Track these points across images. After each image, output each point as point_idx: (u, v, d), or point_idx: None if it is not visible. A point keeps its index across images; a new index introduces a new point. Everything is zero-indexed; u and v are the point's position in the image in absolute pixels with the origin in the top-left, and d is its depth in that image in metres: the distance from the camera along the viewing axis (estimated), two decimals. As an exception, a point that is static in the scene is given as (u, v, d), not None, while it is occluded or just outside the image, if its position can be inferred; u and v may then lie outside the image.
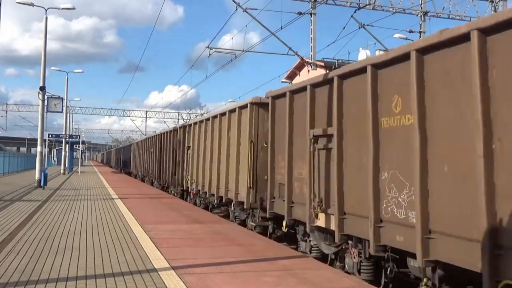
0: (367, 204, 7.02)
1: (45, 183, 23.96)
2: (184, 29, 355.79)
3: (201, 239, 10.17)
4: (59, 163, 60.30)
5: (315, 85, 8.97)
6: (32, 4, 26.81)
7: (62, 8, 28.67)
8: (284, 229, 10.11)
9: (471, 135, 5.36)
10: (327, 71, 8.97)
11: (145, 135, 52.68)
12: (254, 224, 12.21)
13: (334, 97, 8.09)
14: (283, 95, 10.22)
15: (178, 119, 65.44)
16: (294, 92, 9.82)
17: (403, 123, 6.50)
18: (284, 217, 9.89)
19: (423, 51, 6.11)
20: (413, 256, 6.17)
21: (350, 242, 7.86)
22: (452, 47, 5.73)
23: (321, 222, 8.60)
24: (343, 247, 8.16)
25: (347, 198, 7.81)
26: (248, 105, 12.39)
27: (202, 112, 65.06)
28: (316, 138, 8.74)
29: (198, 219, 13.56)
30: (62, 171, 44.33)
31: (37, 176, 24.84)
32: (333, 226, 8.07)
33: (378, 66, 7.04)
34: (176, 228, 11.77)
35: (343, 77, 8.00)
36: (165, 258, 7.97)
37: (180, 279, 6.63)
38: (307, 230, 8.96)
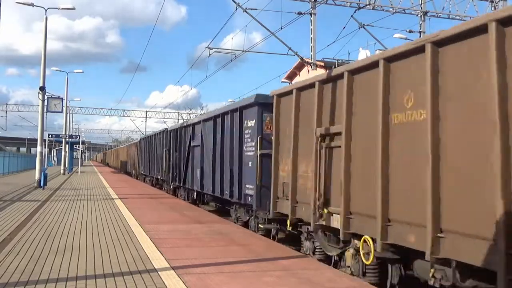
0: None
1: (45, 183, 23.95)
2: (187, 29, 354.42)
3: (201, 239, 10.17)
4: (59, 163, 60.27)
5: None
6: (32, 4, 26.78)
7: (62, 8, 28.67)
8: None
9: None
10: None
11: (145, 135, 52.70)
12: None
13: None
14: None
15: (178, 119, 65.54)
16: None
17: None
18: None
19: None
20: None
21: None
22: None
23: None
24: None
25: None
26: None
27: (202, 112, 65.15)
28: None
29: (198, 219, 13.56)
30: (62, 171, 44.32)
31: (37, 176, 24.83)
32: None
33: None
34: (176, 228, 11.77)
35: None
36: (165, 258, 7.97)
37: (180, 279, 6.63)
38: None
